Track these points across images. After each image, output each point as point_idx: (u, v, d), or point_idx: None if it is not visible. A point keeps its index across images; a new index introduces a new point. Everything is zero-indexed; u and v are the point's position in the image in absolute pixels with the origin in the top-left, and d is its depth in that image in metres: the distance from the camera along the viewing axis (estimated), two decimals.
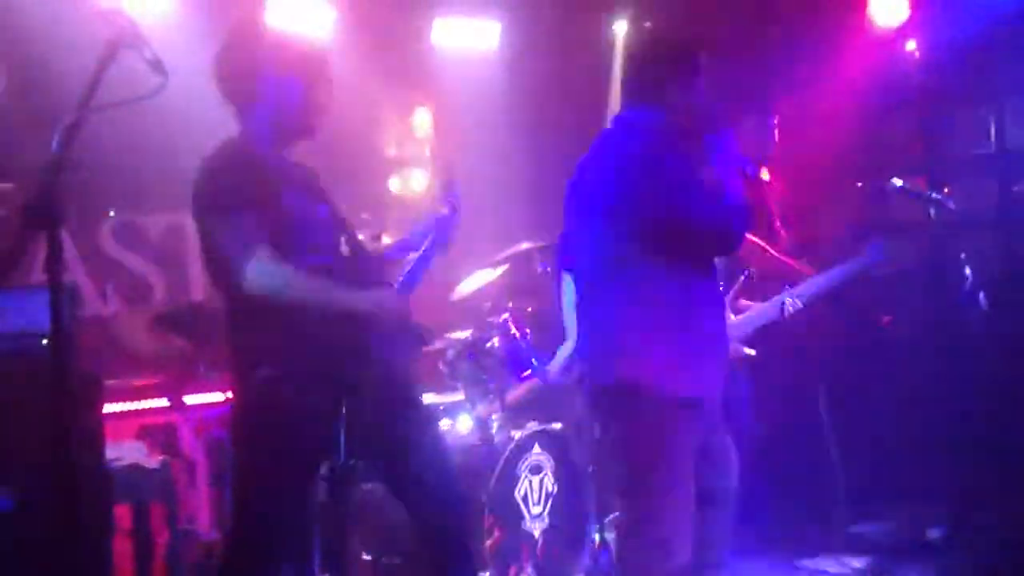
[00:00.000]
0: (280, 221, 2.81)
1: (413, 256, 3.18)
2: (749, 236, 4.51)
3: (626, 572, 3.08)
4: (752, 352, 4.07)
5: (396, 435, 2.99)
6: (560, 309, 5.04)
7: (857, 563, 4.62)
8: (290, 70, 2.90)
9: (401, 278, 3.11)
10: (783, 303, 4.14)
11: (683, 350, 2.98)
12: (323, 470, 2.94)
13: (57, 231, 2.08)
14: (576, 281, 3.29)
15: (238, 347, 2.90)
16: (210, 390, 4.45)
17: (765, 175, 4.96)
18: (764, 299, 4.17)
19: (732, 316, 4.03)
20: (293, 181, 2.94)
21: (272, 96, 2.90)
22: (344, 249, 3.00)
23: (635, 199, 2.94)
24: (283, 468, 2.83)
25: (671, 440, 2.96)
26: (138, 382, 4.42)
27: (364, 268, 3.04)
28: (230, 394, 3.03)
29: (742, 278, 4.05)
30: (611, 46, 6.45)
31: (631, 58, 3.24)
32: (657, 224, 2.93)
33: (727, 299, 3.97)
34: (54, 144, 2.08)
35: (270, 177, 2.86)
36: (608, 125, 3.28)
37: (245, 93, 2.92)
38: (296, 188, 2.92)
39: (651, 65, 3.14)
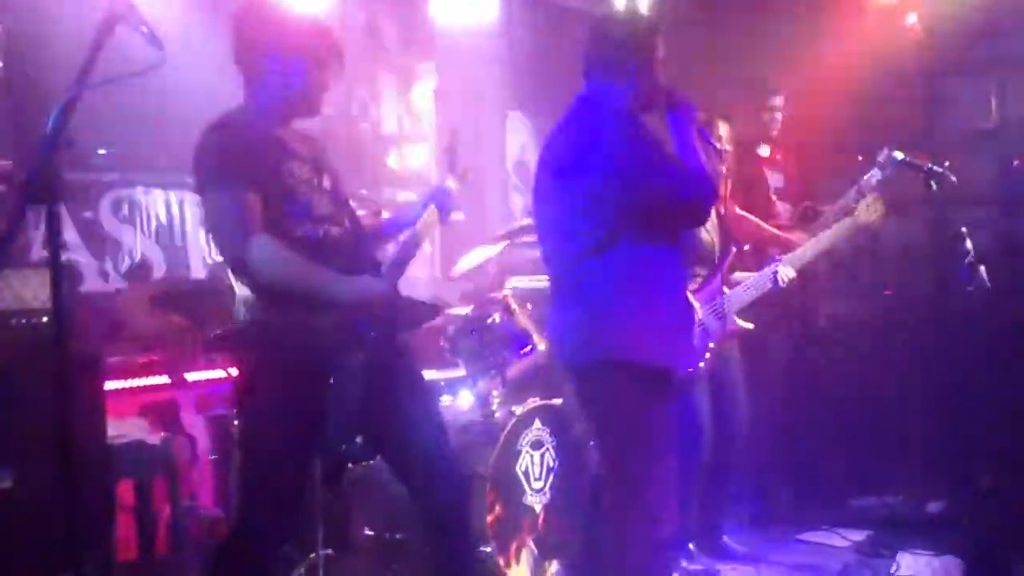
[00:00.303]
0: (280, 191, 2.84)
1: (407, 233, 3.18)
2: (741, 211, 4.54)
3: (616, 545, 3.12)
4: (750, 326, 4.07)
5: (393, 413, 3.02)
6: None
7: (857, 537, 4.64)
8: (295, 51, 2.93)
9: (390, 258, 3.11)
10: (775, 273, 4.14)
11: (665, 323, 3.10)
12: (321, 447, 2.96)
13: (56, 208, 2.07)
14: (549, 259, 3.26)
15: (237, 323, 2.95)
16: (211, 367, 4.47)
17: (765, 151, 4.96)
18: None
19: (726, 289, 4.04)
20: (296, 153, 2.96)
21: (276, 74, 2.94)
22: (346, 223, 3.02)
23: (614, 176, 2.99)
24: (281, 442, 2.85)
25: (657, 412, 3.07)
26: (139, 359, 4.41)
27: (361, 244, 3.07)
28: (232, 370, 3.05)
29: (733, 250, 4.06)
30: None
31: (600, 36, 3.26)
32: (635, 200, 2.99)
33: (720, 273, 3.99)
34: (52, 120, 2.07)
35: (270, 150, 2.89)
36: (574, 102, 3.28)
37: (251, 67, 2.97)
38: (299, 159, 2.95)
39: (620, 43, 3.19)
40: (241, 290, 2.91)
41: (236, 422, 3.37)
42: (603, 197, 3.01)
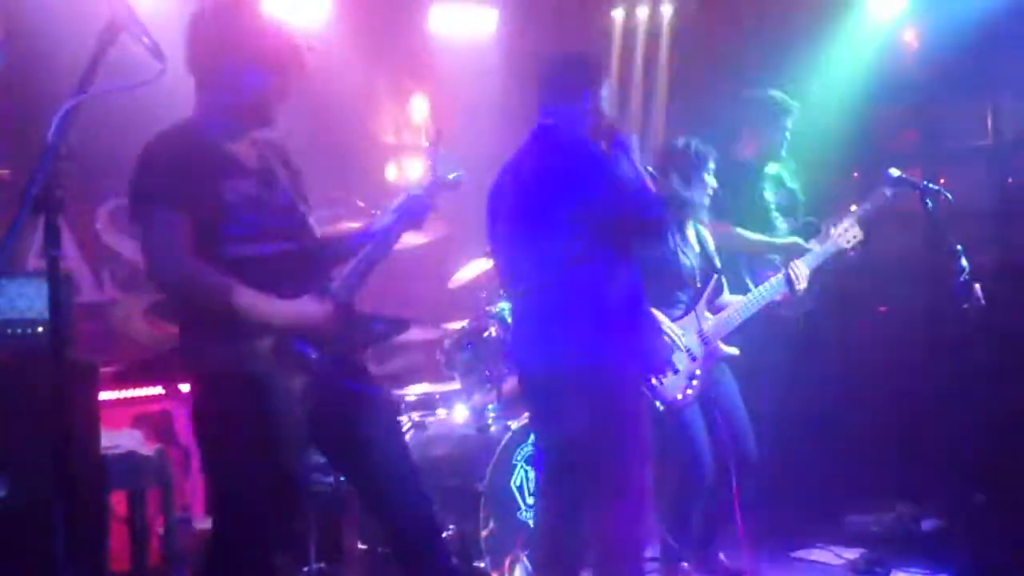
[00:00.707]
0: (217, 211, 2.72)
1: (367, 246, 3.02)
2: (734, 228, 4.59)
3: (616, 547, 3.27)
4: (735, 351, 4.11)
5: (350, 434, 2.92)
6: None
7: (851, 555, 4.63)
8: (254, 59, 2.80)
9: (344, 274, 2.95)
10: (789, 275, 4.18)
11: (639, 332, 3.34)
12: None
13: (54, 217, 2.07)
14: (515, 275, 3.43)
15: (181, 343, 2.86)
16: None
17: (772, 168, 4.97)
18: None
19: (708, 315, 4.10)
20: (241, 168, 2.82)
21: (229, 79, 2.79)
22: (300, 239, 2.88)
23: (585, 197, 3.20)
24: (234, 470, 2.75)
25: (638, 419, 3.29)
26: (134, 370, 4.40)
27: (315, 260, 2.92)
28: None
29: (715, 278, 4.11)
30: (608, 32, 6.44)
31: (557, 63, 3.53)
32: (603, 218, 3.22)
33: (701, 299, 4.13)
34: (51, 130, 2.07)
35: (210, 165, 2.75)
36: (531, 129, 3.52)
37: (202, 71, 2.83)
38: (246, 174, 2.81)
39: (574, 70, 3.46)
40: None
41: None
42: (576, 218, 3.21)
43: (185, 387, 4.45)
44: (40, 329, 3.40)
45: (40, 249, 2.14)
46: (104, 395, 3.93)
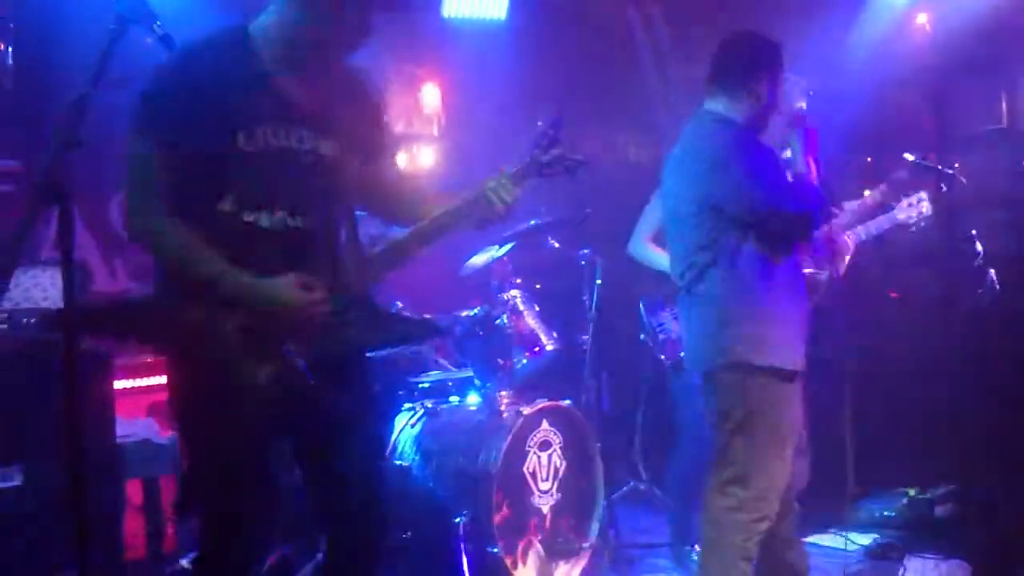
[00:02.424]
0: (216, 157, 2.36)
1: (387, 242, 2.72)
2: None
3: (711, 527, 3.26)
4: None
5: (322, 464, 2.59)
6: (566, 286, 5.05)
7: (864, 540, 4.63)
8: None
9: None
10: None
11: (786, 327, 3.23)
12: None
13: (67, 207, 2.08)
14: (674, 266, 3.44)
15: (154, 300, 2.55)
16: None
17: (788, 153, 4.93)
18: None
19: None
20: (278, 111, 2.43)
21: None
22: (316, 217, 2.49)
23: (733, 192, 3.18)
24: (205, 454, 2.47)
25: (774, 410, 3.22)
26: (147, 358, 4.42)
27: (326, 246, 2.53)
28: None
29: None
30: (622, 19, 6.41)
31: (723, 44, 3.38)
32: (751, 214, 3.17)
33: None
34: (63, 120, 2.07)
35: (232, 97, 2.36)
36: (695, 116, 3.42)
37: None
38: (277, 121, 2.42)
39: (738, 53, 3.34)
40: None
41: None
42: (720, 209, 3.20)
43: None
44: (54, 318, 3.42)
45: (54, 239, 2.14)
46: (119, 384, 3.95)
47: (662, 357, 4.43)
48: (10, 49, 4.78)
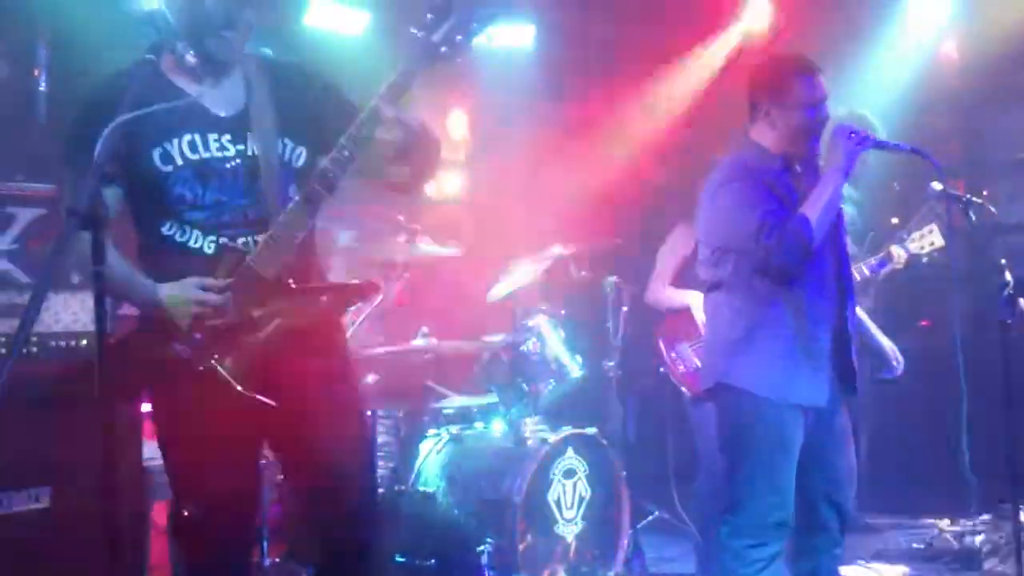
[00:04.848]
0: (147, 182, 2.46)
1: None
2: None
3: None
4: None
5: (283, 435, 2.64)
6: (591, 313, 5.05)
7: (894, 572, 4.58)
8: None
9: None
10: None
11: (768, 357, 3.16)
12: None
13: (100, 234, 2.10)
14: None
15: None
16: None
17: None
18: None
19: None
20: (196, 129, 2.45)
21: None
22: (250, 224, 2.49)
23: (707, 226, 3.26)
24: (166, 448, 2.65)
25: (768, 437, 3.16)
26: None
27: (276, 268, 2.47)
28: None
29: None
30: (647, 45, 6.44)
31: (751, 79, 3.31)
32: (725, 249, 3.20)
33: None
34: (97, 148, 2.10)
35: (143, 125, 2.29)
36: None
37: None
38: (189, 136, 2.44)
39: (757, 80, 3.28)
40: None
41: None
42: (704, 242, 3.29)
43: None
44: (84, 342, 3.44)
45: (85, 264, 2.16)
46: (146, 407, 3.97)
47: (683, 389, 4.41)
48: (43, 75, 4.86)
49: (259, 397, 2.45)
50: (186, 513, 2.58)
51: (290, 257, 2.48)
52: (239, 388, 2.44)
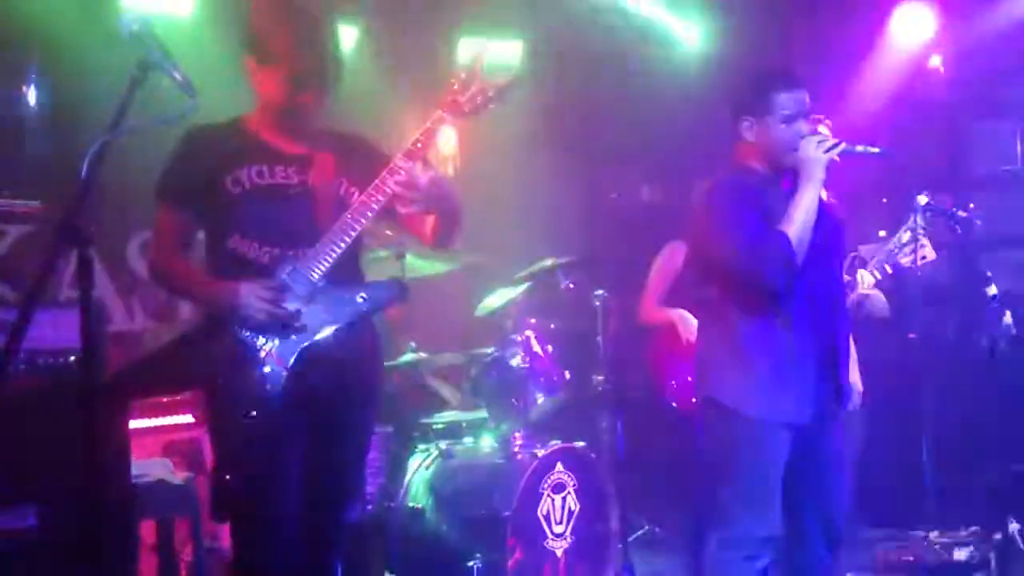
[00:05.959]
0: (218, 204, 2.80)
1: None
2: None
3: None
4: None
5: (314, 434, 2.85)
6: (580, 326, 5.05)
7: None
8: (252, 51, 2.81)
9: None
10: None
11: (756, 375, 3.15)
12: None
13: (87, 249, 2.10)
14: None
15: None
16: None
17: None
18: None
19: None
20: (256, 159, 2.82)
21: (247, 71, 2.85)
22: (304, 252, 2.78)
23: (695, 245, 3.32)
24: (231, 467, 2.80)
25: (747, 455, 3.17)
26: (163, 398, 4.43)
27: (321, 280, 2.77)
28: None
29: None
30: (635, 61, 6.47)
31: (731, 95, 3.31)
32: (713, 268, 3.23)
33: None
34: (84, 164, 2.10)
35: (222, 155, 2.80)
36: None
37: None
38: (259, 164, 2.81)
39: (736, 94, 3.28)
40: None
41: None
42: (692, 262, 3.36)
43: None
44: (72, 358, 3.44)
45: (73, 280, 2.17)
46: (134, 424, 3.96)
47: (672, 403, 4.41)
48: (32, 91, 4.87)
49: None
50: (228, 478, 2.78)
51: (334, 263, 2.79)
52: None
